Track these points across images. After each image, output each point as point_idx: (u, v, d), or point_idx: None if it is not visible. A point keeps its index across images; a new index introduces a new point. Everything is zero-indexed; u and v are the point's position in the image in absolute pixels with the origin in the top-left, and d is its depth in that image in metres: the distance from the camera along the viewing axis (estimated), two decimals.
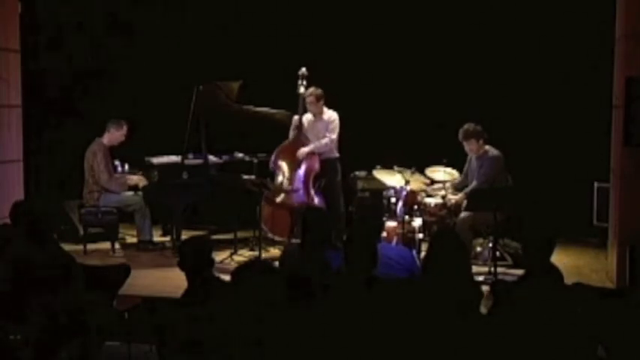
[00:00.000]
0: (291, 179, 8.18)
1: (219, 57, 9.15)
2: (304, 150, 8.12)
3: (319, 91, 8.13)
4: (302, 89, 8.21)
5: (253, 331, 3.72)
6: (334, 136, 8.12)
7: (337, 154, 8.24)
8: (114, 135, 8.39)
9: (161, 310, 4.54)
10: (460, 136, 7.47)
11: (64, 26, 9.75)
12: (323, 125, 8.19)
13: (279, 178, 8.25)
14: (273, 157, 8.29)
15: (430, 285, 4.16)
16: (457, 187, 7.73)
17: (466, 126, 7.46)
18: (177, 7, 9.58)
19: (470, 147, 7.49)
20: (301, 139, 8.24)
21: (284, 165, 8.24)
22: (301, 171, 8.15)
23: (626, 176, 6.99)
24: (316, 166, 8.15)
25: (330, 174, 8.14)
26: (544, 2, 8.69)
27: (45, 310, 4.59)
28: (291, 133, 8.32)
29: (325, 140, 8.11)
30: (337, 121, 8.14)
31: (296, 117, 8.28)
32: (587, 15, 8.43)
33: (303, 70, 8.24)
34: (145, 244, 8.32)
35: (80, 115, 9.64)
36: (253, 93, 8.57)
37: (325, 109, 8.20)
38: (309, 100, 8.12)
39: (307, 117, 8.29)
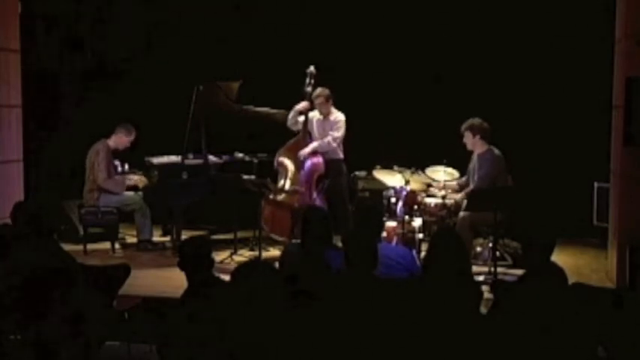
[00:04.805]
0: (294, 179, 8.18)
1: (219, 57, 9.15)
2: (305, 150, 8.12)
3: (327, 91, 8.12)
4: (309, 88, 8.19)
5: (253, 331, 3.72)
6: (337, 134, 8.10)
7: (342, 156, 8.23)
8: (121, 139, 8.39)
9: (161, 310, 4.53)
10: (462, 126, 7.49)
11: (64, 26, 9.77)
12: (329, 126, 8.18)
13: (282, 177, 8.24)
14: (277, 156, 8.29)
15: (430, 285, 4.16)
16: (461, 185, 7.73)
17: (472, 119, 7.48)
18: (177, 7, 9.57)
19: (465, 139, 7.51)
20: (306, 138, 8.23)
21: (289, 164, 8.23)
22: (305, 171, 8.14)
23: (626, 176, 6.99)
24: (321, 166, 8.14)
25: (334, 175, 8.13)
26: (544, 3, 8.69)
27: (45, 311, 4.58)
28: (290, 122, 8.25)
29: (327, 139, 8.10)
30: (343, 123, 8.12)
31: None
32: (587, 15, 8.43)
33: (312, 68, 8.19)
34: (145, 244, 8.32)
35: (80, 115, 9.65)
36: (254, 93, 8.58)
37: (333, 110, 8.18)
38: (318, 101, 8.10)
39: (315, 115, 8.27)
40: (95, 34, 9.79)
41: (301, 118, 8.23)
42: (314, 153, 8.14)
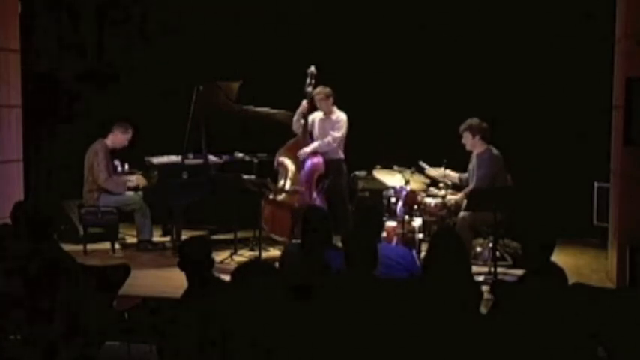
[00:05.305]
0: (294, 179, 8.18)
1: (219, 57, 9.15)
2: (305, 150, 8.13)
3: (327, 89, 8.12)
4: (309, 88, 8.19)
5: (253, 331, 3.72)
6: (337, 134, 8.10)
7: (342, 156, 8.23)
8: (119, 138, 8.39)
9: (161, 310, 4.54)
10: (461, 127, 7.49)
11: (64, 26, 9.78)
12: (330, 125, 8.18)
13: (282, 177, 8.24)
14: (277, 156, 8.30)
15: (430, 285, 4.16)
16: (462, 179, 7.71)
17: (470, 119, 7.48)
18: (177, 6, 9.58)
19: (464, 140, 7.51)
20: (306, 139, 8.23)
21: (289, 164, 8.24)
22: (305, 171, 8.15)
23: (626, 176, 6.99)
24: (321, 166, 8.14)
25: (334, 175, 8.12)
26: (544, 3, 8.69)
27: (45, 311, 4.59)
28: (295, 125, 8.27)
29: (327, 139, 8.10)
30: (344, 122, 8.13)
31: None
32: (587, 15, 8.43)
33: (312, 68, 8.18)
34: (145, 244, 8.32)
35: (80, 115, 9.66)
36: (254, 93, 8.58)
37: (335, 109, 8.19)
38: (318, 97, 8.11)
39: (317, 115, 8.28)
40: (95, 34, 9.80)
41: (302, 121, 8.24)
42: (314, 153, 8.15)
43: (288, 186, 8.20)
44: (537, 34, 8.71)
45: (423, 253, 6.65)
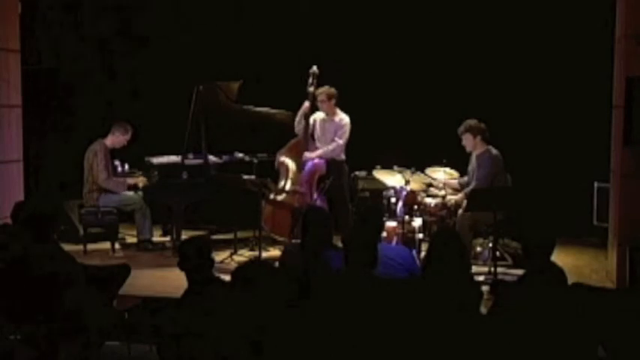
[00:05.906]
0: (295, 179, 8.18)
1: (219, 57, 9.15)
2: (312, 154, 8.11)
3: (332, 90, 8.09)
4: (312, 88, 8.18)
5: (253, 331, 3.72)
6: (341, 141, 8.09)
7: (344, 157, 8.22)
8: (118, 138, 8.39)
9: (161, 310, 4.54)
10: (459, 129, 7.49)
11: (64, 26, 9.78)
12: (333, 127, 8.17)
13: (283, 177, 8.24)
14: (278, 156, 8.29)
15: (430, 285, 4.16)
16: (462, 185, 7.73)
17: (468, 120, 7.48)
18: (177, 6, 9.58)
19: (465, 141, 7.51)
20: (307, 140, 8.22)
21: (290, 164, 8.23)
22: (306, 171, 8.14)
23: (626, 176, 6.99)
24: (322, 167, 8.13)
25: (335, 175, 8.11)
26: (544, 2, 8.70)
27: (45, 311, 4.59)
28: (297, 127, 8.28)
29: (332, 146, 8.09)
30: (348, 126, 8.11)
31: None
32: (587, 15, 8.43)
33: (315, 68, 8.17)
34: (145, 244, 8.32)
35: (80, 115, 9.66)
36: (254, 93, 8.58)
37: (338, 111, 8.17)
38: (320, 98, 8.09)
39: (319, 116, 8.27)
40: (95, 34, 9.81)
41: (303, 123, 8.23)
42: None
43: (288, 186, 8.20)
44: (537, 34, 8.71)
45: (423, 253, 6.65)
